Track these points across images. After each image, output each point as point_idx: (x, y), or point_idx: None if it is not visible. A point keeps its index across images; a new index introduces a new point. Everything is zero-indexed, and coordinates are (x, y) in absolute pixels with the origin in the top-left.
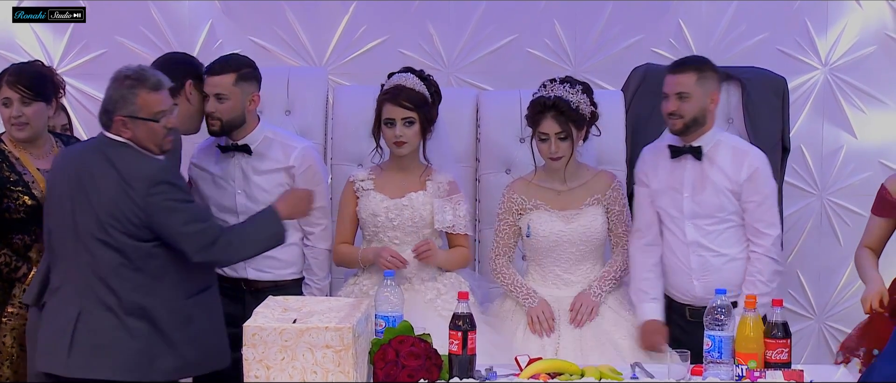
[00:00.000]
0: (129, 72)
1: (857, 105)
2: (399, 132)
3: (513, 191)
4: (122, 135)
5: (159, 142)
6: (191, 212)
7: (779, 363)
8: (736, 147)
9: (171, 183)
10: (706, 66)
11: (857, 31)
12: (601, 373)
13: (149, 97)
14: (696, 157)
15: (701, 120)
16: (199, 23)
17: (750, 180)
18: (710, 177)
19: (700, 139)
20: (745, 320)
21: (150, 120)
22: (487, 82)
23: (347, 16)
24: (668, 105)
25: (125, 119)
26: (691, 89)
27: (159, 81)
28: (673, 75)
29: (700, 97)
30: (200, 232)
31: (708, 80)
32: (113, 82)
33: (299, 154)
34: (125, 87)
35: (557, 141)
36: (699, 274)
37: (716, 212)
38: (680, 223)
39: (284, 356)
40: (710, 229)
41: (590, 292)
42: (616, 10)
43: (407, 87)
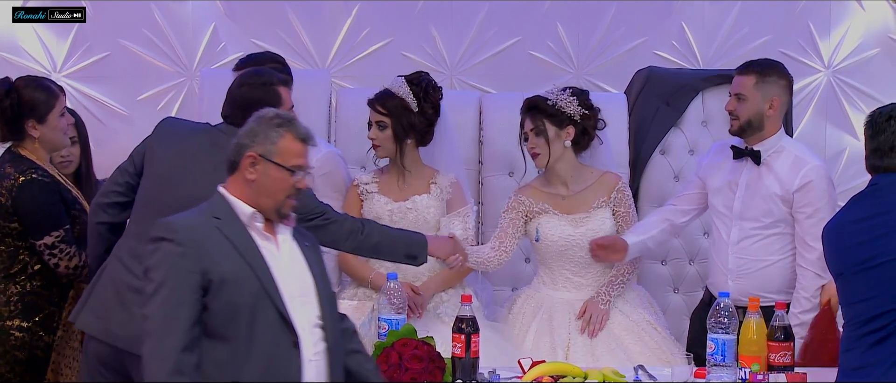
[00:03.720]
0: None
1: (860, 107)
2: (372, 135)
3: (521, 194)
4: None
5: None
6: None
7: (782, 366)
8: (797, 156)
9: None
10: (770, 70)
11: (860, 34)
12: (604, 376)
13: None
14: (755, 161)
15: (757, 123)
16: (202, 25)
17: (802, 191)
18: (763, 181)
19: (760, 144)
20: (748, 323)
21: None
22: (490, 85)
23: (350, 18)
24: (729, 104)
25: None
26: (748, 92)
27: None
28: (737, 76)
29: (757, 101)
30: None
31: (768, 85)
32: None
33: (321, 158)
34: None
35: (533, 137)
36: (735, 275)
37: (762, 216)
38: (727, 222)
39: None
40: (754, 233)
41: (598, 300)
42: (619, 13)
43: (389, 91)
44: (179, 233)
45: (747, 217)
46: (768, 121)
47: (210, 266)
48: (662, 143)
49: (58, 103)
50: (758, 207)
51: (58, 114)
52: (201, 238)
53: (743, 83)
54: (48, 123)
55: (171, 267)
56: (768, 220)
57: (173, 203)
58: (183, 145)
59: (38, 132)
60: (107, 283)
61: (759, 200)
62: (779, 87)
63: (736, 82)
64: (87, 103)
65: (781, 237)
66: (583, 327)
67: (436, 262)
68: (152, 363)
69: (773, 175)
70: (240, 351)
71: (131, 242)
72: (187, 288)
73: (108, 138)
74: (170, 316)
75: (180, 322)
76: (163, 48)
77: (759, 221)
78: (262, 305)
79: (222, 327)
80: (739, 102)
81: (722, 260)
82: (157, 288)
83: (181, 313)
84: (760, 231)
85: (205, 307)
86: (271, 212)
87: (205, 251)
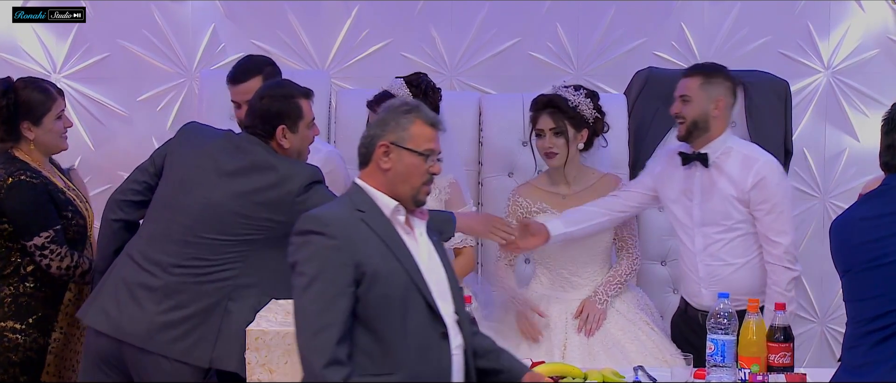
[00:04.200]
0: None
1: (859, 108)
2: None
3: (518, 194)
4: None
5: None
6: None
7: (781, 366)
8: (746, 155)
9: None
10: (715, 73)
11: (860, 35)
12: (603, 376)
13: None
14: (703, 165)
15: (703, 125)
16: (201, 26)
17: (757, 188)
18: (717, 185)
19: (707, 146)
20: (747, 324)
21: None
22: (490, 86)
23: (350, 19)
24: (673, 108)
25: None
26: (694, 93)
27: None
28: (682, 79)
29: (702, 102)
30: None
31: (713, 86)
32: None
33: (324, 156)
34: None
35: (552, 136)
36: (707, 282)
37: (723, 220)
38: (690, 231)
39: (288, 360)
40: (718, 238)
41: (596, 299)
42: (618, 14)
43: (388, 93)
44: (330, 227)
45: (708, 223)
46: (714, 121)
47: (363, 259)
48: (662, 144)
49: (54, 106)
50: (717, 211)
51: (54, 116)
52: (351, 231)
53: (688, 85)
54: (43, 125)
55: (325, 260)
56: (729, 223)
57: (190, 207)
58: (204, 150)
59: (32, 134)
60: (118, 282)
61: (716, 204)
62: (724, 88)
63: (681, 85)
64: (87, 104)
65: (746, 238)
66: (580, 326)
67: None
68: (309, 356)
69: (726, 177)
70: (394, 343)
71: (144, 243)
72: (343, 281)
73: (108, 139)
74: (325, 309)
75: (336, 314)
76: (162, 49)
77: (720, 225)
78: (412, 297)
79: (375, 319)
80: (684, 104)
81: (692, 269)
82: (310, 282)
83: (337, 305)
84: (724, 235)
85: (357, 299)
86: (408, 200)
87: (356, 244)
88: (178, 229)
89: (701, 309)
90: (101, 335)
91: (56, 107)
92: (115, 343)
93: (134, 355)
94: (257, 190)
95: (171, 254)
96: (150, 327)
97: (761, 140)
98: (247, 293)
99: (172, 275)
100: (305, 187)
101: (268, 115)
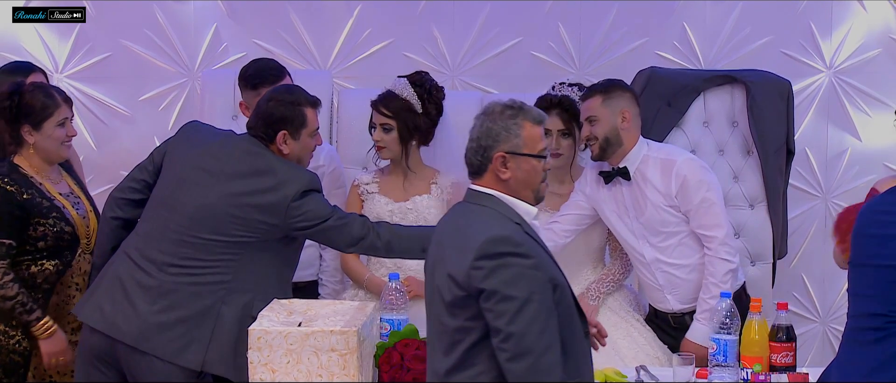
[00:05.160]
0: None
1: (861, 108)
2: (377, 137)
3: None
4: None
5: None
6: None
7: (784, 366)
8: (663, 160)
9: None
10: (612, 87)
11: (862, 34)
12: (606, 376)
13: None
14: (626, 179)
15: (615, 140)
16: (203, 26)
17: (681, 190)
18: (646, 196)
19: (624, 160)
20: (750, 323)
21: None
22: (492, 85)
23: (352, 19)
24: (582, 132)
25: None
26: (597, 112)
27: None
28: (582, 102)
29: (608, 117)
30: None
31: (614, 100)
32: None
33: (328, 154)
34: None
35: (559, 137)
36: (669, 289)
37: (661, 227)
38: (637, 244)
39: (289, 359)
40: (664, 246)
41: (588, 295)
42: (620, 13)
43: (393, 93)
44: (523, 246)
45: (651, 232)
46: (625, 134)
47: (551, 272)
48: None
49: (57, 112)
50: (654, 220)
51: (55, 123)
52: (532, 246)
53: (589, 106)
54: (43, 131)
55: (532, 280)
56: (669, 229)
57: (186, 206)
58: (204, 150)
59: (32, 138)
60: (114, 279)
61: (651, 214)
62: (625, 99)
63: (583, 109)
64: (89, 103)
65: (690, 238)
66: None
67: None
68: (549, 375)
69: (651, 186)
70: (574, 349)
71: (140, 240)
72: (549, 299)
73: (110, 139)
74: (544, 329)
75: (554, 333)
76: (164, 48)
77: (661, 233)
78: (571, 302)
79: (563, 329)
80: (592, 125)
81: (651, 279)
82: (522, 306)
83: (552, 324)
84: (668, 241)
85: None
86: (533, 201)
87: (542, 258)
88: (173, 228)
89: (669, 312)
90: (95, 332)
91: (58, 114)
92: (108, 340)
93: (127, 354)
94: (253, 192)
95: (166, 252)
96: (142, 326)
97: (763, 140)
98: (241, 298)
99: (168, 274)
100: (302, 194)
101: (271, 119)
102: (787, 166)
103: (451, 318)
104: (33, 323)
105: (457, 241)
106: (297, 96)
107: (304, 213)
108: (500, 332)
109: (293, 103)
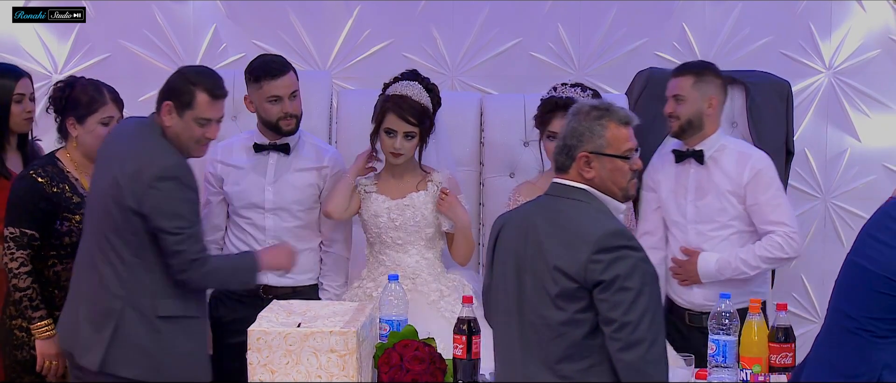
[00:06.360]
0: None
1: (861, 108)
2: (398, 145)
3: (519, 193)
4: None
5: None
6: None
7: (783, 367)
8: (741, 151)
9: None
10: (706, 70)
11: (862, 35)
12: None
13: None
14: (698, 161)
15: (697, 123)
16: (203, 26)
17: (753, 182)
18: (713, 181)
19: (702, 143)
20: (749, 324)
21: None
22: (491, 86)
23: (351, 19)
24: (666, 107)
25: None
26: (687, 92)
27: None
28: (673, 78)
29: (696, 100)
30: None
31: (706, 85)
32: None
33: (332, 155)
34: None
35: None
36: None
37: (717, 216)
38: (683, 229)
39: (289, 360)
40: (712, 235)
41: None
42: (620, 14)
43: (412, 99)
44: (634, 239)
45: (702, 220)
46: (708, 119)
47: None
48: (663, 145)
49: (102, 110)
50: (711, 207)
51: (98, 120)
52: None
53: (680, 84)
54: (86, 126)
55: (644, 272)
56: (724, 219)
57: (91, 201)
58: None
59: (76, 131)
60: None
61: (711, 200)
62: (715, 86)
63: (672, 85)
64: None
65: (740, 235)
66: None
67: (432, 258)
68: (644, 368)
69: (721, 172)
70: None
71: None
72: (657, 290)
73: None
74: (654, 319)
75: (662, 324)
76: (164, 49)
77: (715, 222)
78: None
79: None
80: (678, 103)
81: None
82: (637, 296)
83: (659, 315)
84: (718, 231)
85: None
86: (620, 198)
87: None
88: (88, 228)
89: (687, 309)
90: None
91: (103, 112)
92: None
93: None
94: (123, 175)
95: (85, 252)
96: (70, 325)
97: (763, 141)
98: (141, 299)
99: (86, 273)
100: (158, 177)
101: (164, 87)
102: (787, 167)
103: (556, 312)
104: (35, 321)
105: (561, 235)
106: (199, 78)
107: (159, 200)
108: (615, 322)
109: (188, 80)
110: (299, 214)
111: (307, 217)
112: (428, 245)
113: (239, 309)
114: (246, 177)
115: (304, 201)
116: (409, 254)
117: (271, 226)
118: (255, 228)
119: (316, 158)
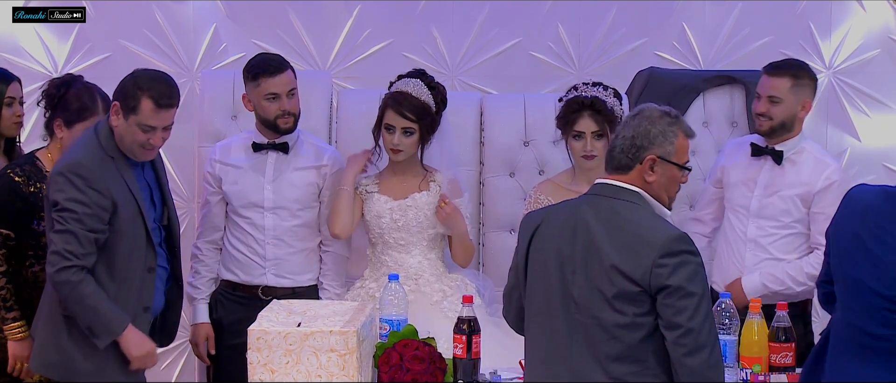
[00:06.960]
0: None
1: (861, 108)
2: (397, 140)
3: (540, 191)
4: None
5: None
6: None
7: (783, 367)
8: (818, 158)
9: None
10: (803, 73)
11: (861, 35)
12: None
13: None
14: (775, 161)
15: (789, 125)
16: (203, 26)
17: (824, 191)
18: (785, 180)
19: (783, 144)
20: (749, 324)
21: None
22: (491, 86)
23: (351, 19)
24: (758, 105)
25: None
26: (784, 94)
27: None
28: (769, 77)
29: (792, 104)
30: None
31: (802, 88)
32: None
33: (332, 155)
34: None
35: (593, 139)
36: (750, 272)
37: (780, 215)
38: (744, 219)
39: (289, 360)
40: (771, 231)
41: None
42: (620, 14)
43: (411, 95)
44: (694, 245)
45: (765, 215)
46: (799, 123)
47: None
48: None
49: (91, 119)
50: (776, 206)
51: (85, 128)
52: None
53: (777, 86)
54: (72, 132)
55: (703, 277)
56: (787, 220)
57: None
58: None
59: (61, 133)
60: None
61: (777, 199)
62: (809, 89)
63: (768, 84)
64: None
65: (798, 237)
66: None
67: (435, 258)
68: (705, 372)
69: (796, 175)
70: None
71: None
72: (710, 295)
73: None
74: (713, 325)
75: (716, 328)
76: (164, 49)
77: (777, 220)
78: None
79: None
80: (773, 104)
81: (737, 255)
82: (700, 301)
83: (713, 319)
84: (778, 230)
85: None
86: (667, 205)
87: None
88: None
89: None
90: None
91: (93, 120)
92: None
93: None
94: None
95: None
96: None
97: None
98: (47, 299)
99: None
100: (57, 172)
101: (118, 87)
102: None
103: (614, 314)
104: (7, 322)
105: (620, 237)
106: (149, 84)
107: (54, 196)
108: (680, 327)
109: (137, 86)
110: (298, 213)
111: (306, 216)
112: (430, 245)
113: (238, 310)
114: (245, 176)
115: (304, 200)
116: (411, 254)
117: (271, 225)
118: (254, 228)
119: (315, 157)
